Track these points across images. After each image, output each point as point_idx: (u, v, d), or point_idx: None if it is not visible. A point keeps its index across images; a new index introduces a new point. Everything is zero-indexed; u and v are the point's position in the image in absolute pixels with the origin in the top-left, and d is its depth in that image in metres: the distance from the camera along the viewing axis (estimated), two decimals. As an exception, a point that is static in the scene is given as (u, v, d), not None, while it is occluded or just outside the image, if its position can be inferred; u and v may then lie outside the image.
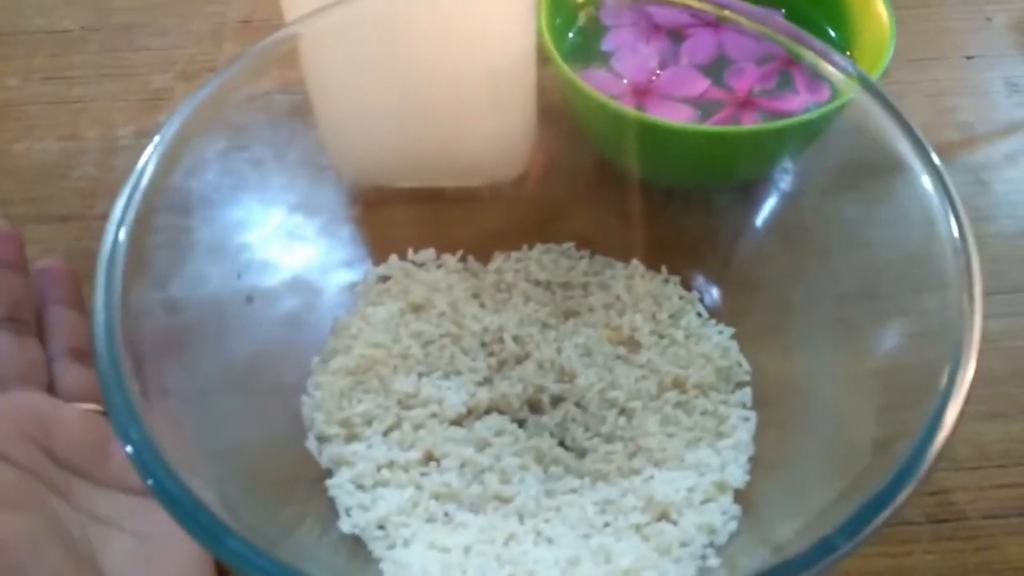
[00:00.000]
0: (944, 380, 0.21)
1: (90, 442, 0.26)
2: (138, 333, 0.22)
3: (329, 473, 0.28)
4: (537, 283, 0.33)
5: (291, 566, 0.19)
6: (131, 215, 0.23)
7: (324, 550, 0.25)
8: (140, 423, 0.20)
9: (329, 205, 0.33)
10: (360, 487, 0.27)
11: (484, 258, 0.34)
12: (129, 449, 0.20)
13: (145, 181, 0.24)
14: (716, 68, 0.36)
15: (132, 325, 0.22)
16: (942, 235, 0.24)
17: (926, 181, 0.25)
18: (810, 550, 0.19)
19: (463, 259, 0.34)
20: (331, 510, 0.27)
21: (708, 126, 0.33)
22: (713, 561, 0.25)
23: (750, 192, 0.31)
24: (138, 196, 0.24)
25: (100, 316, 0.21)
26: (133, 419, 0.20)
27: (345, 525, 0.26)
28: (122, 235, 0.23)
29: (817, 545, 0.19)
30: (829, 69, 0.28)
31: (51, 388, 0.28)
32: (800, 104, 0.33)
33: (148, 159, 0.25)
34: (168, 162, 0.25)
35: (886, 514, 0.19)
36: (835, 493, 0.23)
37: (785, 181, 0.31)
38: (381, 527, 0.26)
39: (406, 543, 0.25)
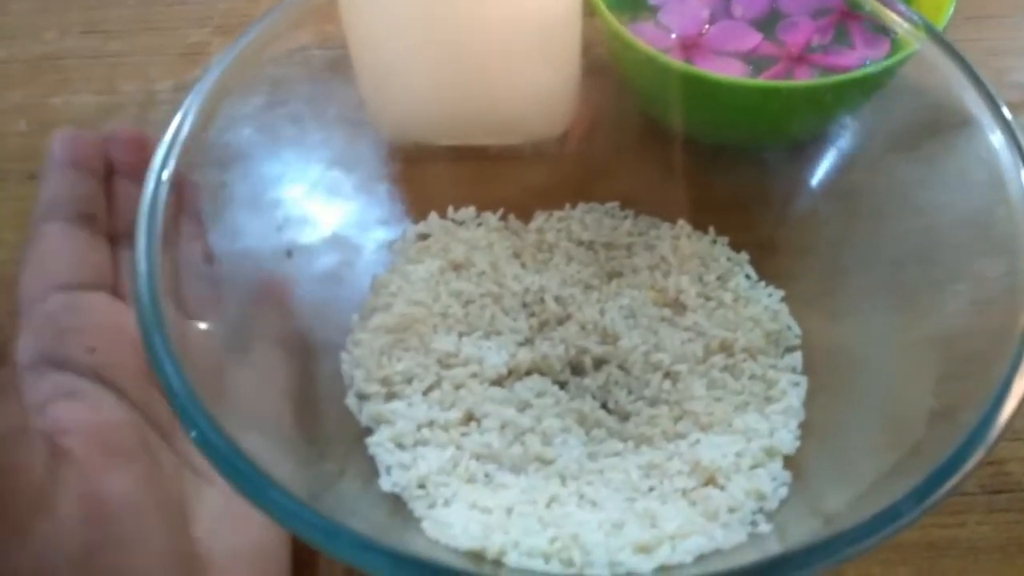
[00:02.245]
0: (1014, 345, 0.21)
1: None
2: (180, 283, 0.22)
3: (369, 431, 0.27)
4: (580, 243, 0.32)
5: (333, 519, 0.18)
6: (171, 164, 0.23)
7: (364, 506, 0.25)
8: (182, 372, 0.19)
9: (368, 161, 0.32)
10: (400, 446, 0.26)
11: (525, 217, 0.33)
12: (172, 398, 0.19)
13: (184, 134, 0.24)
14: (768, 22, 0.34)
15: (173, 275, 0.21)
16: (1012, 195, 0.23)
17: (995, 138, 0.24)
18: (875, 517, 0.18)
19: (504, 218, 0.33)
20: (371, 468, 0.26)
21: (762, 80, 0.32)
22: (764, 527, 0.24)
23: (804, 151, 0.30)
24: (177, 147, 0.24)
25: (142, 264, 0.21)
26: (175, 368, 0.19)
27: (385, 483, 0.26)
28: (164, 177, 0.22)
29: (883, 512, 0.18)
30: (893, 18, 0.27)
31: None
32: (857, 59, 0.32)
33: (187, 111, 0.24)
34: (205, 116, 0.25)
35: (954, 481, 0.18)
36: (887, 464, 0.22)
37: (842, 139, 0.29)
38: (421, 486, 0.25)
39: (447, 503, 0.25)
